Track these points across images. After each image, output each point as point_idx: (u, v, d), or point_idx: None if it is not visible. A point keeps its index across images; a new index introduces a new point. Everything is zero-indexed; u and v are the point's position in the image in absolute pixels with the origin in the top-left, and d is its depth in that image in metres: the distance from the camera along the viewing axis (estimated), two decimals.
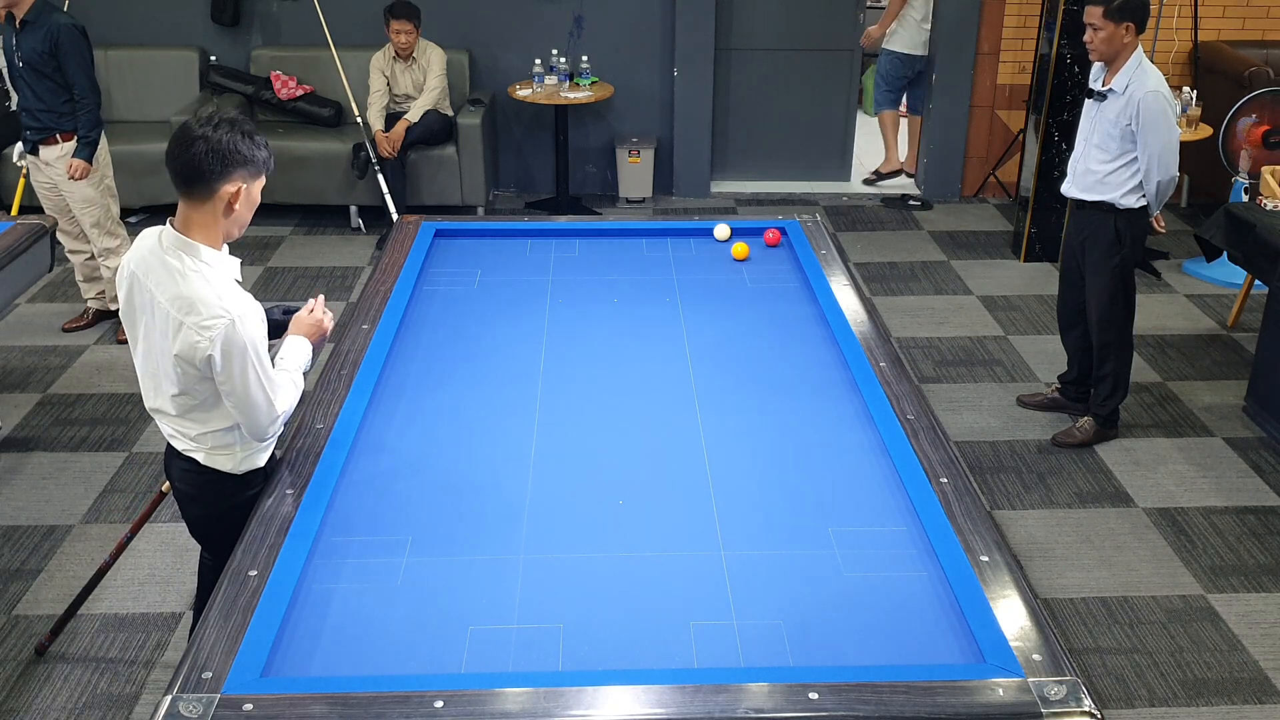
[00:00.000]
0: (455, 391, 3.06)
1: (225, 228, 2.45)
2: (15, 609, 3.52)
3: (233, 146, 2.35)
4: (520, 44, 6.94)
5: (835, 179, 7.54)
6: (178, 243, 2.41)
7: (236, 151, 2.36)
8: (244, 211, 2.45)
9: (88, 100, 4.84)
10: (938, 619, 2.19)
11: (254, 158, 2.40)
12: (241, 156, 2.37)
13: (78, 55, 4.77)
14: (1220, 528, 3.97)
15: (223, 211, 2.41)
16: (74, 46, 4.75)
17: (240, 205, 2.42)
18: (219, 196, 2.38)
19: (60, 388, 4.86)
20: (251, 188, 2.43)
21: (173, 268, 2.39)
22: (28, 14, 4.73)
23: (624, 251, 4.04)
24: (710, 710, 1.92)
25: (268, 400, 2.47)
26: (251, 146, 2.39)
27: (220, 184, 2.36)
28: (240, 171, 2.38)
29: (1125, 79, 4.03)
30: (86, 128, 4.87)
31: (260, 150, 2.42)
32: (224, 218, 2.42)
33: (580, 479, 2.68)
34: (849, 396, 3.02)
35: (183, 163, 2.34)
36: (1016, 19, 6.91)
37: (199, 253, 2.41)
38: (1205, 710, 3.18)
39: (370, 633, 2.16)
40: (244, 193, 2.41)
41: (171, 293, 2.38)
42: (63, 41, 4.72)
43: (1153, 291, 5.84)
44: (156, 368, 2.50)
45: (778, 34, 7.17)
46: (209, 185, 2.36)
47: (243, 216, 2.46)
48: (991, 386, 4.92)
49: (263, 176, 2.47)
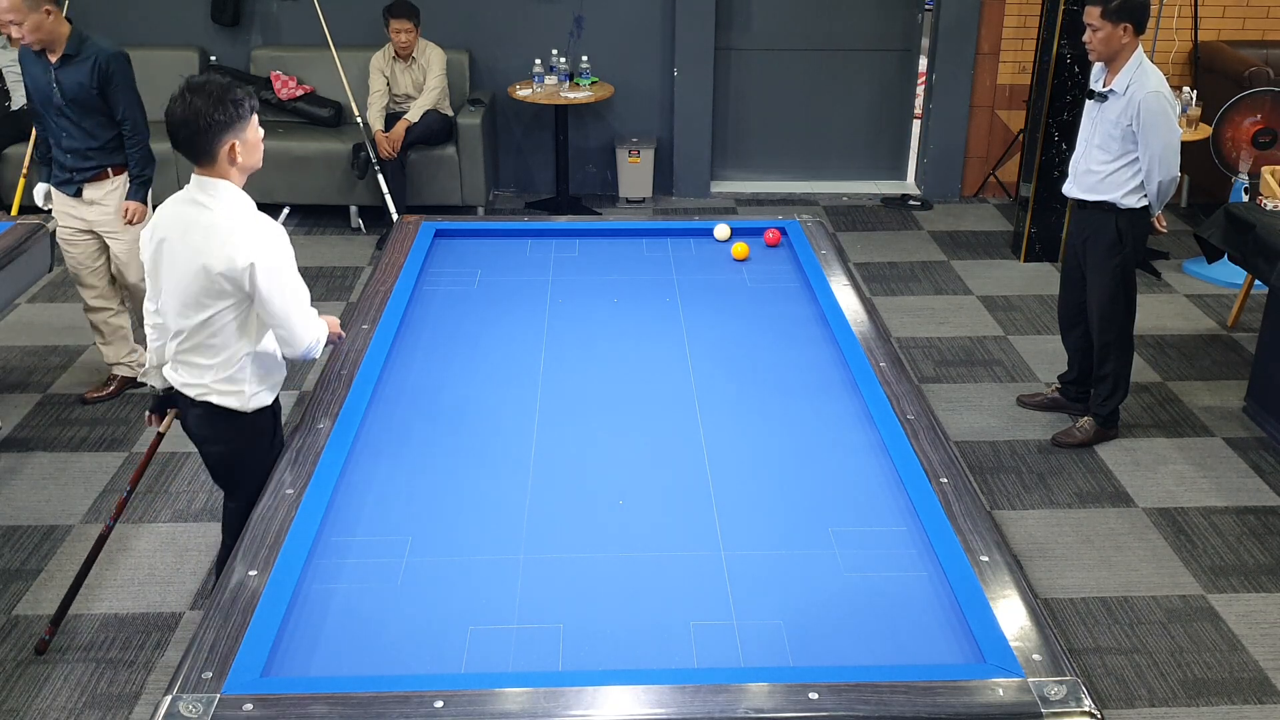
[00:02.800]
0: (455, 391, 3.06)
1: (240, 173, 2.69)
2: (15, 609, 3.52)
3: (208, 120, 2.56)
4: (520, 44, 6.94)
5: (836, 179, 7.54)
6: (203, 183, 2.66)
7: (213, 121, 2.57)
8: (249, 156, 2.68)
9: (141, 134, 4.40)
10: (938, 619, 2.20)
11: (232, 116, 2.59)
12: (219, 122, 2.58)
13: (128, 86, 4.33)
14: (1220, 528, 3.97)
15: (230, 163, 2.65)
16: (125, 77, 4.30)
17: (241, 154, 2.65)
18: (220, 157, 2.62)
19: (60, 388, 4.86)
20: (245, 136, 2.64)
21: (201, 203, 2.65)
22: (67, 47, 4.23)
23: (624, 251, 4.04)
24: (710, 710, 1.93)
25: (302, 314, 2.71)
26: (224, 108, 2.57)
27: (215, 148, 2.61)
28: (225, 133, 2.59)
29: (1126, 79, 4.03)
30: (141, 165, 4.44)
31: (232, 108, 2.59)
32: (234, 167, 2.66)
33: (580, 479, 2.68)
34: (849, 396, 3.02)
35: (177, 142, 2.61)
36: (1016, 19, 6.91)
37: (219, 188, 2.65)
38: (1205, 710, 3.18)
39: (370, 633, 2.17)
40: (239, 144, 2.63)
41: (206, 222, 2.62)
42: (114, 72, 4.25)
43: (1153, 291, 5.84)
44: (181, 305, 2.70)
45: (778, 33, 7.17)
46: (207, 152, 2.61)
47: (250, 159, 2.69)
48: (991, 386, 4.92)
49: (250, 120, 2.65)
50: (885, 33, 7.22)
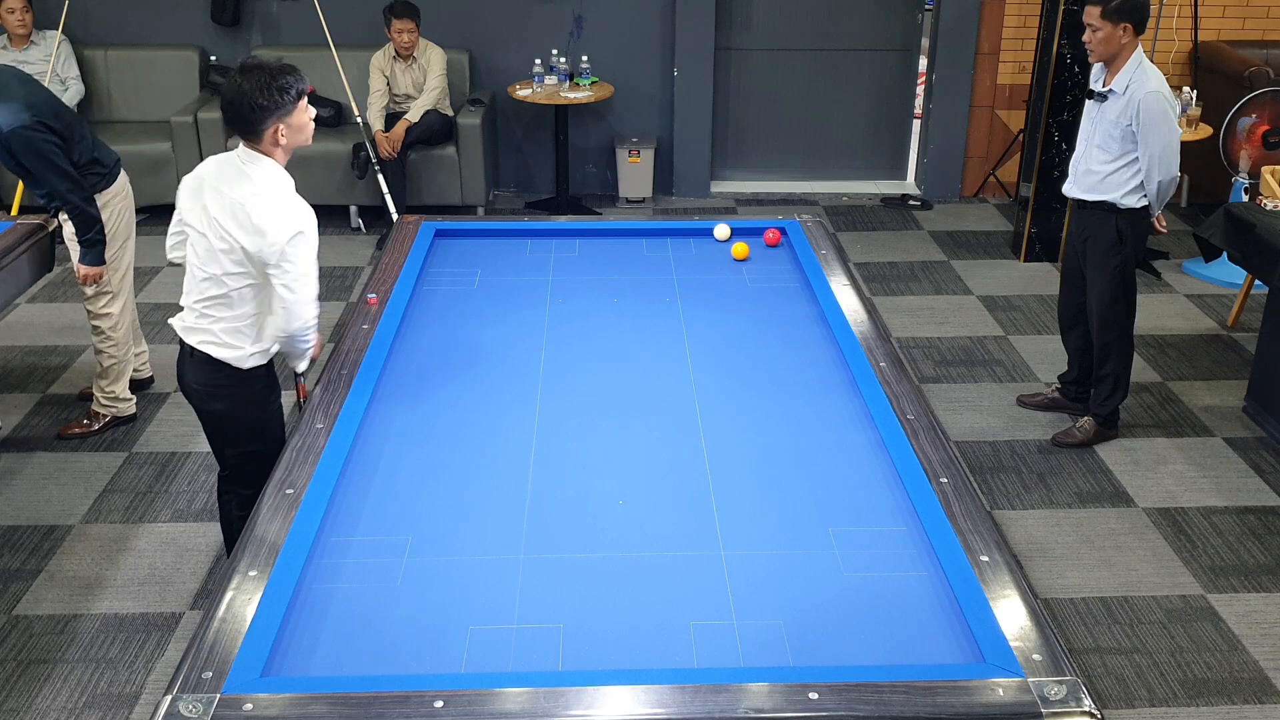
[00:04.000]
0: (455, 391, 3.06)
1: (283, 152, 2.87)
2: (15, 609, 3.52)
3: (254, 102, 2.73)
4: (520, 44, 6.95)
5: (836, 179, 7.54)
6: (249, 155, 2.84)
7: (258, 105, 2.74)
8: (294, 137, 2.84)
9: (67, 202, 3.99)
10: (938, 619, 2.19)
11: (277, 101, 2.75)
12: (265, 108, 2.75)
13: (40, 159, 3.90)
14: (1220, 528, 3.97)
15: (274, 144, 2.83)
16: (33, 153, 3.89)
17: (285, 136, 2.82)
18: (266, 137, 2.81)
19: (60, 388, 4.86)
20: (290, 120, 2.81)
21: (246, 172, 2.83)
22: None
23: (624, 251, 4.04)
24: (710, 710, 1.93)
25: (311, 290, 2.88)
26: (270, 93, 2.73)
27: (262, 129, 2.79)
28: (271, 116, 2.77)
29: (1125, 79, 4.03)
30: (81, 231, 4.07)
31: (278, 93, 2.75)
32: (279, 147, 2.84)
33: (580, 479, 2.68)
34: (849, 396, 3.02)
35: (227, 120, 2.80)
36: (1016, 19, 6.91)
37: (263, 164, 2.84)
38: (1205, 710, 3.18)
39: (370, 633, 2.17)
40: (284, 126, 2.81)
41: (248, 191, 2.81)
42: (16, 150, 3.90)
43: (1153, 291, 5.84)
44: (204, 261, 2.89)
45: (778, 33, 7.17)
46: (254, 132, 2.80)
47: (295, 140, 2.85)
48: (991, 386, 4.92)
49: (296, 105, 2.80)
50: (885, 33, 7.23)
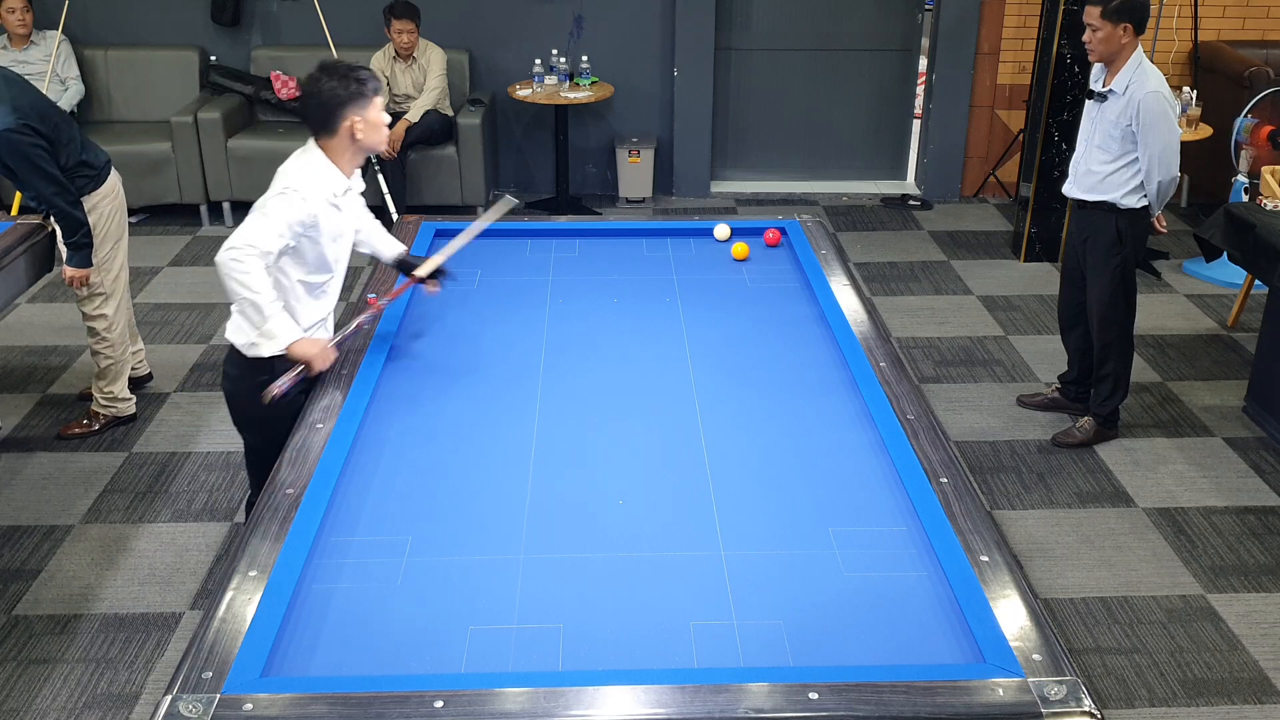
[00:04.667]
0: (455, 391, 3.06)
1: (357, 151, 2.96)
2: (15, 609, 3.52)
3: (334, 92, 2.84)
4: (520, 44, 6.95)
5: (836, 179, 7.54)
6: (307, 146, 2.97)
7: (337, 96, 2.85)
8: (369, 134, 2.92)
9: (53, 205, 3.99)
10: (938, 619, 2.19)
11: (355, 92, 2.86)
12: (344, 98, 2.85)
13: (25, 164, 3.89)
14: (1220, 528, 3.97)
15: (350, 138, 2.91)
16: (17, 157, 3.88)
17: (362, 133, 2.91)
18: (342, 131, 2.90)
19: (60, 388, 4.86)
20: (367, 114, 2.90)
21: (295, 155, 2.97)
22: None
23: (624, 251, 4.04)
24: (710, 710, 1.92)
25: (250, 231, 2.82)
26: (348, 84, 2.85)
27: (337, 122, 2.88)
28: (347, 107, 2.86)
29: (1125, 79, 4.03)
30: (67, 234, 4.07)
31: (355, 84, 2.86)
32: (354, 143, 2.92)
33: (580, 479, 2.68)
34: (849, 396, 3.02)
35: (303, 115, 2.93)
36: (1016, 19, 6.91)
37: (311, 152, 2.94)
38: (1205, 710, 3.18)
39: (370, 633, 2.16)
40: (361, 120, 2.89)
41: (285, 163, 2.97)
42: (1, 154, 3.88)
43: (1153, 291, 5.84)
44: None
45: (778, 33, 7.17)
46: (330, 126, 2.89)
47: (370, 138, 2.93)
48: (991, 386, 4.92)
49: (372, 100, 2.90)
50: (885, 33, 7.23)
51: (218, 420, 4.58)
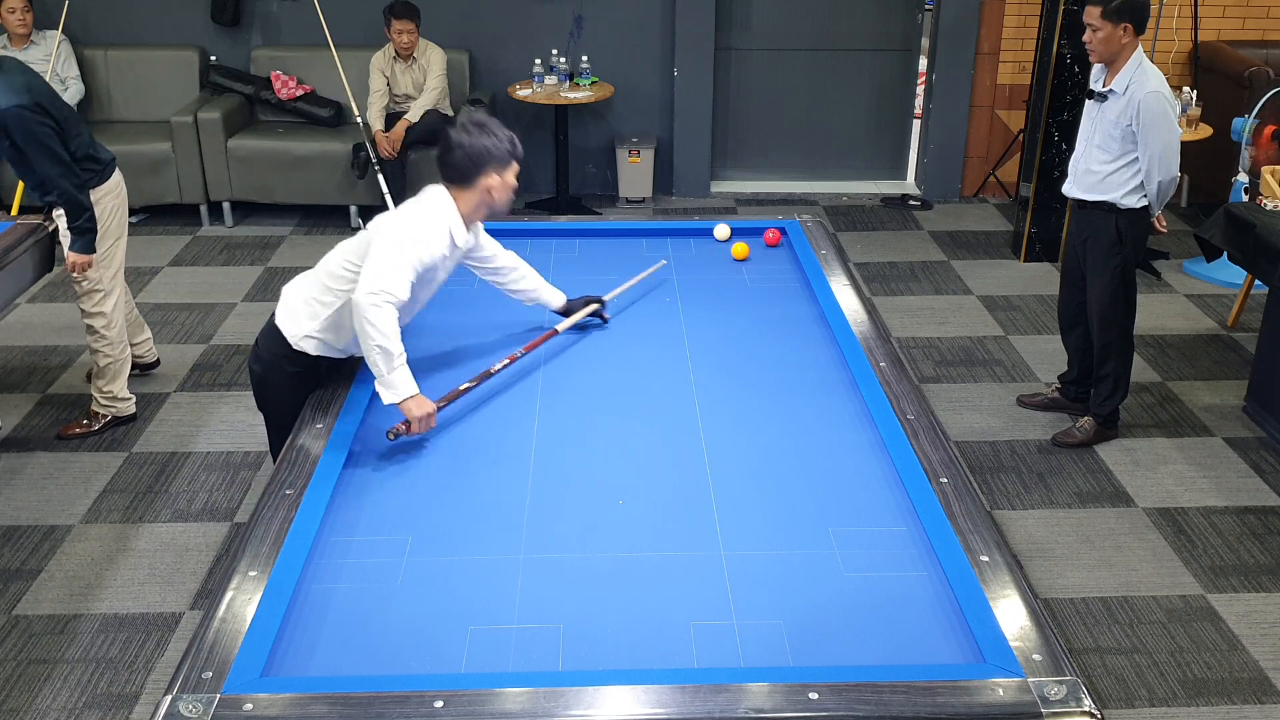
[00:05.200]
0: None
1: (485, 209, 2.98)
2: (15, 609, 3.52)
3: (484, 149, 2.87)
4: (520, 44, 6.95)
5: (836, 179, 7.54)
6: (433, 188, 2.97)
7: (485, 151, 2.87)
8: (500, 194, 2.95)
9: (59, 188, 4.01)
10: (938, 619, 2.19)
11: (509, 152, 2.92)
12: (495, 155, 2.89)
13: (33, 142, 3.92)
14: (1220, 528, 3.97)
15: (483, 197, 2.93)
16: (26, 133, 3.91)
17: (497, 192, 2.94)
18: (478, 185, 2.91)
19: (60, 388, 4.86)
20: (505, 175, 2.94)
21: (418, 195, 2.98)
22: None
23: (624, 251, 4.04)
24: (710, 710, 1.93)
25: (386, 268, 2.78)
26: (497, 142, 2.89)
27: (479, 177, 2.90)
28: (493, 164, 2.89)
29: (1125, 79, 4.03)
30: (71, 219, 4.09)
31: (511, 144, 2.92)
32: (485, 202, 2.95)
33: (580, 479, 2.68)
34: (849, 396, 3.02)
35: (446, 164, 2.91)
36: (1016, 19, 6.91)
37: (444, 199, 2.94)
38: (1205, 710, 3.18)
39: (370, 633, 2.17)
40: (500, 181, 2.93)
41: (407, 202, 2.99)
42: (12, 130, 3.91)
43: (1153, 291, 5.84)
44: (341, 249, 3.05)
45: (778, 33, 7.17)
46: (471, 178, 2.90)
47: (500, 198, 2.96)
48: (991, 386, 4.92)
49: (514, 164, 2.95)
50: (885, 33, 7.23)
51: (218, 420, 4.58)
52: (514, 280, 3.38)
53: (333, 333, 3.02)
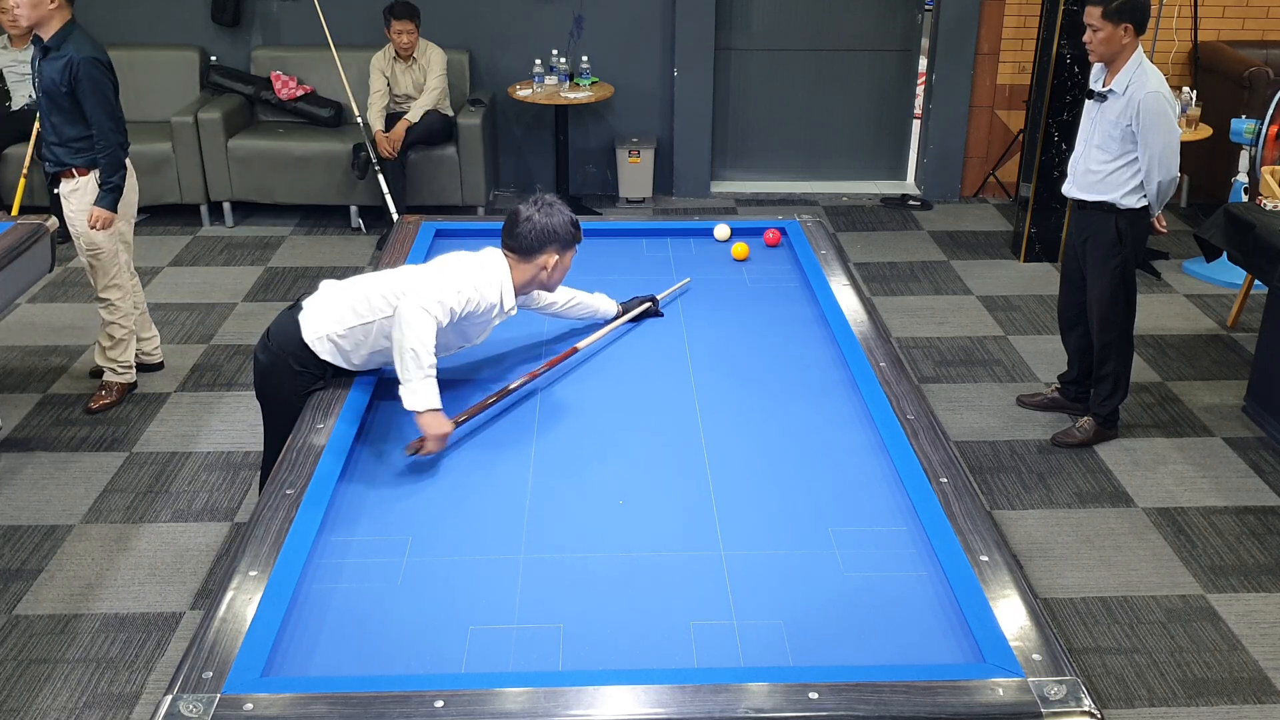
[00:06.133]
0: (454, 391, 3.06)
1: (537, 284, 3.01)
2: (15, 609, 3.52)
3: (553, 230, 2.92)
4: (520, 44, 6.95)
5: (836, 179, 7.54)
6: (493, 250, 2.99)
7: (553, 231, 2.92)
8: (555, 274, 2.99)
9: (107, 141, 4.32)
10: (938, 619, 2.19)
11: (573, 237, 2.97)
12: (561, 237, 2.94)
13: (98, 93, 4.27)
14: (1220, 528, 3.97)
15: (538, 273, 2.96)
16: (93, 83, 4.25)
17: (554, 272, 2.98)
18: (537, 261, 2.94)
19: (60, 388, 4.86)
20: (564, 257, 2.98)
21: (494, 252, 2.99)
22: (51, 39, 4.26)
23: (624, 251, 4.04)
24: (710, 710, 1.93)
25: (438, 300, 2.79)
26: (570, 229, 2.95)
27: (540, 253, 2.94)
28: (556, 245, 2.94)
29: (1125, 79, 4.03)
30: (108, 172, 4.37)
31: (575, 230, 2.98)
32: (539, 278, 2.98)
33: (580, 479, 2.68)
34: (849, 396, 3.02)
35: (513, 235, 2.94)
36: (1016, 19, 6.91)
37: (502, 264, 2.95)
38: (1205, 710, 3.18)
39: (370, 633, 2.17)
40: (557, 262, 2.96)
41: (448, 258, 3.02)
42: (81, 77, 4.23)
43: (1153, 291, 5.84)
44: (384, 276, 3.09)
45: (778, 33, 7.17)
46: (533, 253, 2.93)
47: (554, 277, 3.00)
48: (991, 386, 4.92)
49: (573, 250, 3.00)
50: (885, 33, 7.23)
51: (218, 420, 4.58)
52: (571, 309, 3.39)
53: (350, 344, 3.00)
